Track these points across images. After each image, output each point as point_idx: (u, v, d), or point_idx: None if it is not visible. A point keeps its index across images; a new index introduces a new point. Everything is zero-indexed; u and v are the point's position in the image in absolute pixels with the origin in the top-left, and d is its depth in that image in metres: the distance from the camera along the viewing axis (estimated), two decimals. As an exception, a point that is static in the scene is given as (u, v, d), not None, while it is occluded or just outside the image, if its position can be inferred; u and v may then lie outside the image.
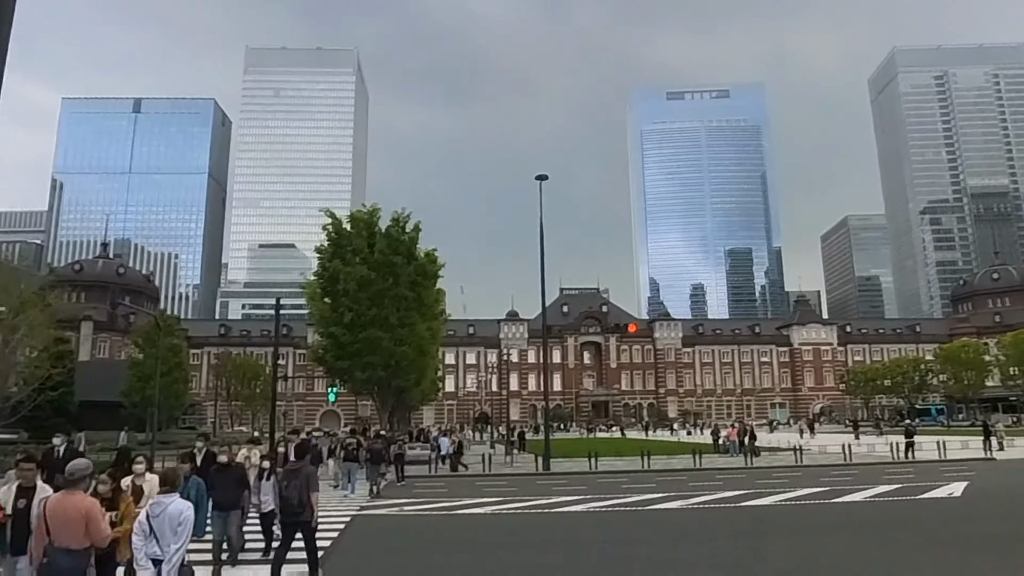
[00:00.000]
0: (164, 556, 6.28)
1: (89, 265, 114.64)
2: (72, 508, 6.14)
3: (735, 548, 12.52)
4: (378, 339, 33.72)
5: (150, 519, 6.42)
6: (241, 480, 11.12)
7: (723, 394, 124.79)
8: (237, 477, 11.09)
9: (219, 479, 10.88)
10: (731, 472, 27.84)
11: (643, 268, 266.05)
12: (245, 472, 11.43)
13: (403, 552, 13.02)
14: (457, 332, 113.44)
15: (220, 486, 10.77)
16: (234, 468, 11.21)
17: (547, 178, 33.53)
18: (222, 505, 10.65)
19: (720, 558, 11.67)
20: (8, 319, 42.36)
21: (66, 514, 6.11)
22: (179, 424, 65.06)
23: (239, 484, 11.03)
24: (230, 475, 11.05)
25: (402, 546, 13.63)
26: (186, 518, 6.50)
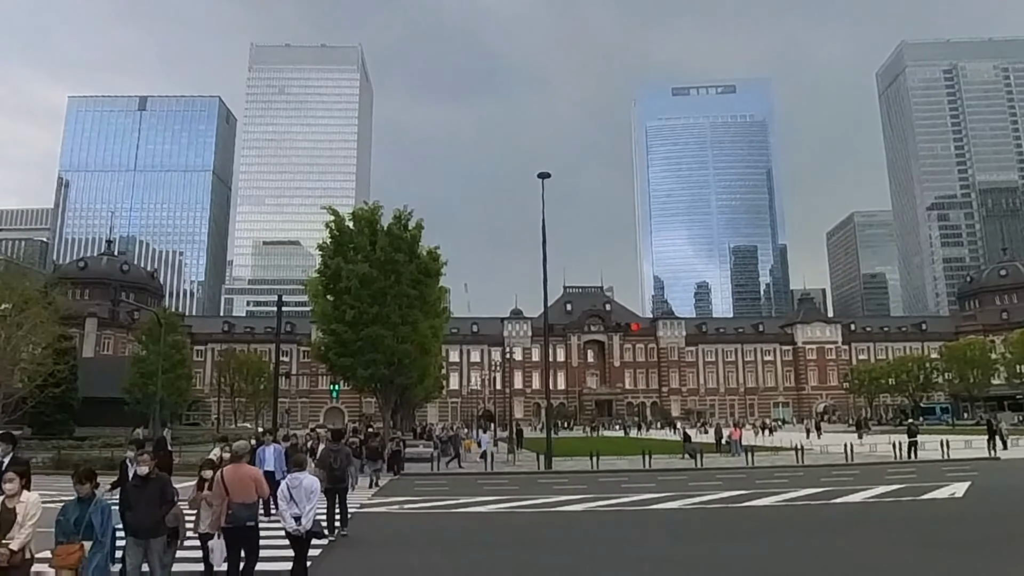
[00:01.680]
0: (302, 513, 9.01)
1: (93, 262, 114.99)
2: (244, 475, 9.05)
3: (732, 548, 12.49)
4: (380, 337, 33.67)
5: (290, 489, 9.15)
6: (163, 495, 8.14)
7: (726, 393, 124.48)
8: (158, 491, 8.13)
9: (135, 496, 8.09)
10: (732, 472, 27.78)
11: (647, 266, 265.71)
12: (170, 485, 8.37)
13: (401, 550, 12.99)
14: (461, 330, 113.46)
15: (136, 504, 8.02)
16: (154, 480, 8.20)
17: (549, 176, 33.49)
18: (137, 530, 7.94)
19: (716, 558, 11.63)
20: (12, 316, 42.54)
21: (241, 479, 8.93)
22: (183, 420, 65.27)
23: (161, 501, 8.11)
24: (148, 491, 8.12)
25: (401, 544, 13.61)
26: (315, 489, 9.32)
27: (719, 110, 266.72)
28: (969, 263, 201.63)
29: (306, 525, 8.94)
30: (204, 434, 54.50)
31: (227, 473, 9.00)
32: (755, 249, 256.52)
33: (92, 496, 7.29)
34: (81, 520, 7.13)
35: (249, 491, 8.93)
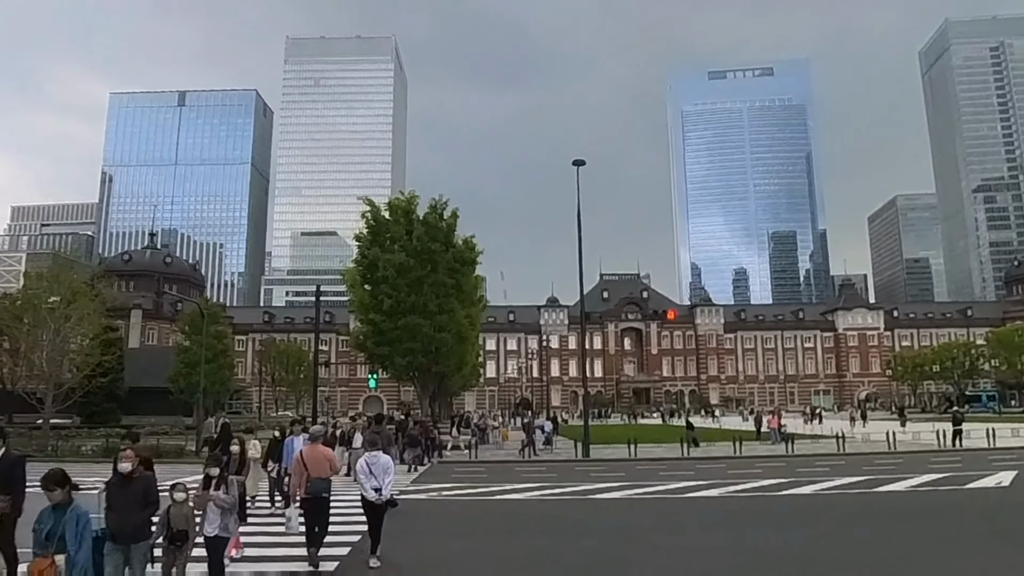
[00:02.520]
0: (381, 486, 10.14)
1: (137, 255, 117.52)
2: (320, 454, 10.66)
3: (769, 537, 12.32)
4: (417, 325, 34.06)
5: (370, 465, 10.31)
6: (147, 496, 7.29)
7: (766, 381, 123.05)
8: (142, 491, 7.28)
9: (115, 496, 7.25)
10: (771, 460, 27.47)
11: (684, 253, 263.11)
12: (154, 484, 7.50)
13: (438, 536, 13.06)
14: (497, 318, 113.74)
15: (116, 505, 7.19)
16: (138, 480, 7.35)
17: (584, 163, 33.18)
18: (117, 534, 7.07)
19: (753, 547, 11.49)
20: (61, 308, 43.68)
21: (317, 458, 10.52)
22: (225, 409, 66.41)
23: (144, 502, 7.25)
24: (130, 491, 7.25)
25: (438, 530, 13.68)
26: (391, 466, 10.58)
27: (756, 93, 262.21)
28: (1017, 247, 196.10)
29: (385, 495, 10.18)
30: (246, 423, 55.39)
31: (306, 452, 10.68)
32: (794, 234, 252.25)
33: (69, 502, 6.67)
34: (55, 531, 6.48)
35: (324, 467, 10.47)
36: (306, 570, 9.94)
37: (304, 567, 10.00)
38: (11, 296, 52.89)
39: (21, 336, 45.39)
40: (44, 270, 52.51)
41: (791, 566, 10.25)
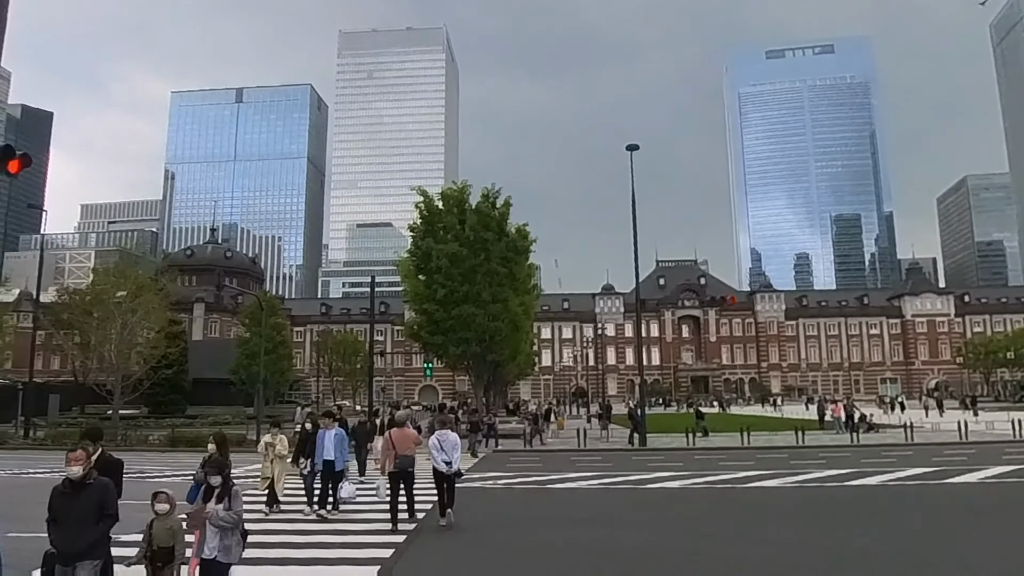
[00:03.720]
0: (451, 459, 12.34)
1: (199, 250, 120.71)
2: (406, 435, 12.67)
3: (833, 530, 11.90)
4: (471, 315, 33.98)
5: (440, 442, 12.44)
6: (102, 506, 6.08)
7: (829, 368, 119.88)
8: (94, 502, 6.07)
9: (61, 507, 6.04)
10: (835, 450, 26.71)
11: (743, 238, 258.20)
12: (111, 493, 6.24)
13: (493, 526, 13.01)
14: (552, 307, 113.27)
15: (63, 518, 5.99)
16: (91, 487, 6.12)
17: (638, 148, 32.69)
18: (63, 552, 5.91)
19: (814, 540, 11.11)
20: (127, 302, 44.95)
21: (404, 438, 12.51)
22: (285, 399, 67.66)
23: (98, 515, 6.06)
24: (82, 500, 6.04)
25: (493, 519, 13.62)
26: (458, 442, 12.83)
27: (817, 72, 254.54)
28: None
29: (454, 467, 12.35)
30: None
31: (394, 434, 12.63)
32: (858, 217, 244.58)
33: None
34: None
35: (409, 446, 12.50)
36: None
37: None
38: (81, 292, 54.72)
39: (91, 330, 46.88)
40: (111, 266, 54.22)
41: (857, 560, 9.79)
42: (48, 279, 73.13)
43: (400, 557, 10.06)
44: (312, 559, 10.02)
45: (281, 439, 14.06)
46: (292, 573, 9.33)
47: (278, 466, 13.79)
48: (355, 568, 9.49)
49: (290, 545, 10.83)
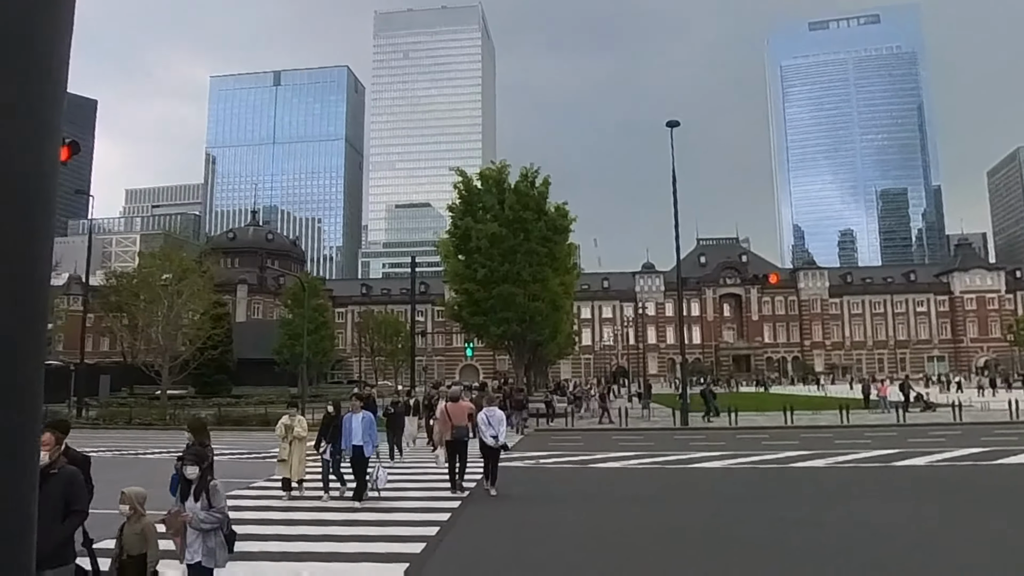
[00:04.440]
0: (497, 433, 13.65)
1: (241, 233, 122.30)
2: (461, 408, 14.38)
3: (877, 511, 11.68)
4: (511, 294, 34.07)
5: (488, 417, 13.83)
6: (69, 499, 5.28)
7: (874, 347, 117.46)
8: (59, 496, 5.23)
9: None
10: (881, 430, 26.33)
11: (786, 214, 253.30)
12: (78, 485, 5.44)
13: (536, 504, 13.02)
14: (591, 286, 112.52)
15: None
16: (56, 477, 5.29)
17: (678, 124, 32.41)
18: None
19: (858, 521, 10.85)
20: (173, 285, 45.79)
21: (458, 411, 14.22)
22: (328, 379, 68.55)
23: (64, 509, 5.26)
24: (46, 491, 4.91)
25: (536, 497, 13.72)
26: (503, 418, 14.45)
27: (862, 43, 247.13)
28: None
29: (500, 441, 13.73)
30: (346, 392, 56.92)
31: (450, 407, 14.29)
32: (905, 192, 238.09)
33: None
34: None
35: (464, 417, 14.14)
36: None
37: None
38: (128, 275, 55.86)
39: (138, 312, 47.91)
40: (157, 250, 55.21)
41: (904, 541, 9.68)
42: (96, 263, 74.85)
43: (445, 535, 10.12)
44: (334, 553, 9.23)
45: (300, 420, 13.59)
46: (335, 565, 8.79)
47: (297, 449, 13.25)
48: (399, 546, 9.32)
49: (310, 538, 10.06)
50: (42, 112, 1.07)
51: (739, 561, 8.72)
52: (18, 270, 1.03)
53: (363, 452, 12.61)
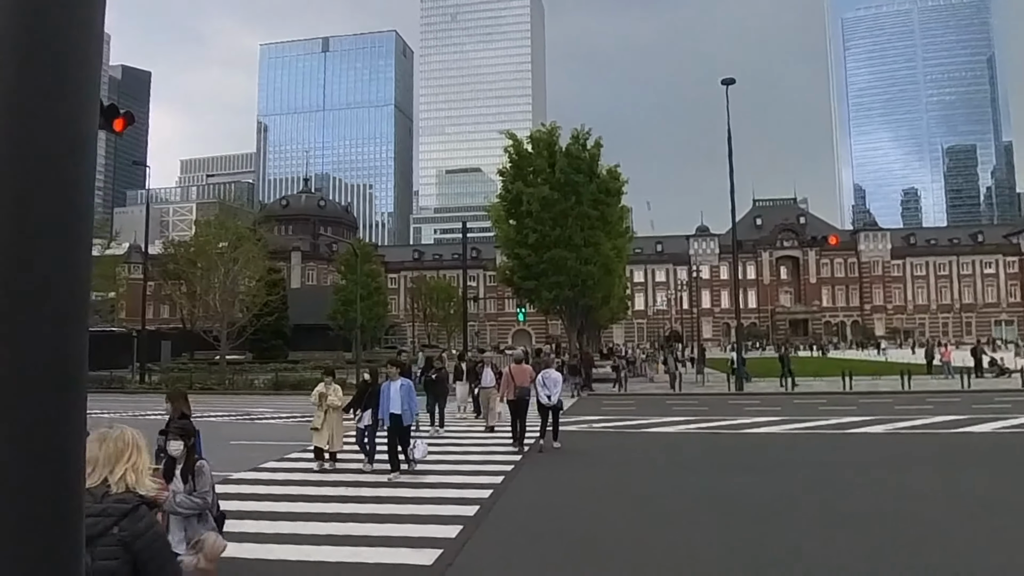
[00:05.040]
0: (552, 393, 14.73)
1: (294, 200, 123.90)
2: (523, 370, 15.43)
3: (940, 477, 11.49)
4: (563, 259, 33.91)
5: (544, 379, 14.91)
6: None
7: (938, 310, 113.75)
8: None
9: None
10: (944, 396, 25.51)
11: (846, 174, 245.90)
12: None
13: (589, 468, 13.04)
14: (645, 249, 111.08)
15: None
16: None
17: (733, 82, 31.36)
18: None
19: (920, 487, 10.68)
20: (228, 253, 46.58)
21: (521, 373, 15.30)
22: (381, 344, 69.28)
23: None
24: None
25: (589, 462, 13.76)
26: (559, 379, 15.55)
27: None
28: None
29: (554, 401, 14.79)
30: (402, 357, 57.41)
31: (513, 369, 15.54)
32: (973, 148, 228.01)
33: None
34: None
35: (526, 379, 15.24)
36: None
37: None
38: (185, 243, 57.03)
39: (196, 280, 48.92)
40: (212, 218, 56.15)
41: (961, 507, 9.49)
42: (154, 232, 76.72)
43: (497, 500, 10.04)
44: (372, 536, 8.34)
45: (335, 389, 12.99)
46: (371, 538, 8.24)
47: (332, 418, 12.68)
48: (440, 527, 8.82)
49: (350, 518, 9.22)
50: (78, 86, 1.06)
51: (786, 528, 8.55)
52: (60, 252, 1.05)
53: (401, 421, 11.95)
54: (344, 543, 7.91)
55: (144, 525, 2.56)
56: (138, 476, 2.67)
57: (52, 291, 1.03)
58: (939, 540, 7.97)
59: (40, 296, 1.02)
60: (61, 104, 1.03)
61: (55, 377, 1.03)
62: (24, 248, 1.00)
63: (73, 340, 1.06)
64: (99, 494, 2.57)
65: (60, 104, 1.03)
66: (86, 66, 1.07)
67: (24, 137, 1.01)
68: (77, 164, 1.06)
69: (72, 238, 1.05)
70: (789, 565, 7.15)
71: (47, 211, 1.02)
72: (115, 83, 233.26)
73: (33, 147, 1.01)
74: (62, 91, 1.04)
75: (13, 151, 1.01)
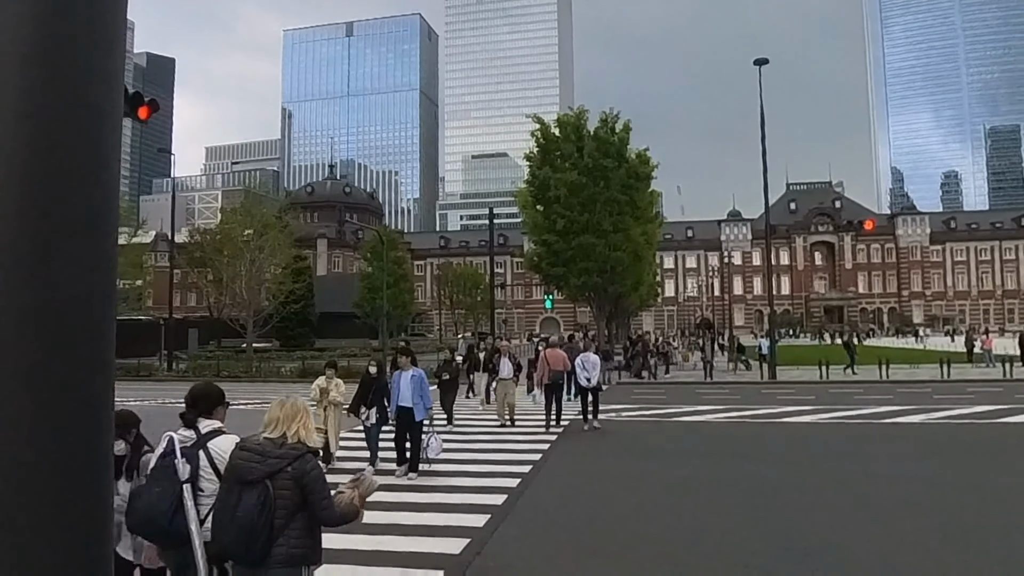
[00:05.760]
0: (590, 376, 15.52)
1: (319, 187, 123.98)
2: (557, 355, 15.94)
3: (973, 469, 11.19)
4: (592, 245, 33.49)
5: (583, 362, 15.64)
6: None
7: (979, 297, 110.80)
8: None
9: None
10: (984, 384, 24.85)
11: (883, 156, 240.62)
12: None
13: (613, 456, 13.06)
14: (675, 235, 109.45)
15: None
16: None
17: (767, 62, 30.53)
18: None
19: (960, 479, 10.42)
20: (254, 240, 46.38)
21: (555, 357, 15.82)
22: (408, 332, 68.94)
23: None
24: None
25: (614, 450, 13.72)
26: (597, 362, 16.14)
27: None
28: None
29: (593, 383, 15.63)
30: (429, 345, 57.00)
31: (548, 354, 15.98)
32: (1017, 129, 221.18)
33: None
34: None
35: (561, 364, 15.79)
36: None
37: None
38: (211, 231, 56.99)
39: (222, 267, 48.93)
40: (238, 206, 56.02)
41: (994, 499, 9.19)
42: (180, 220, 76.69)
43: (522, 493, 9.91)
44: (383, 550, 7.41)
45: (337, 383, 11.84)
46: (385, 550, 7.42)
47: (333, 415, 11.74)
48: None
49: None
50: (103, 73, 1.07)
51: (819, 518, 8.45)
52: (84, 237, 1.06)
53: (413, 416, 10.92)
54: (368, 531, 7.17)
55: (309, 467, 3.66)
56: (307, 432, 3.79)
57: (79, 278, 1.05)
58: (974, 532, 7.76)
59: (68, 284, 1.04)
60: (87, 91, 1.05)
61: (84, 365, 1.06)
62: (50, 236, 1.03)
63: (101, 327, 1.09)
64: (279, 443, 3.70)
65: (86, 91, 1.05)
66: (111, 54, 1.08)
67: (51, 126, 1.03)
68: (103, 153, 1.09)
69: (98, 225, 1.09)
70: (822, 554, 7.05)
71: (73, 199, 1.04)
72: (139, 70, 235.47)
73: (60, 135, 1.04)
74: (87, 79, 1.05)
75: (41, 141, 1.03)
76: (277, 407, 3.82)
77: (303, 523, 3.63)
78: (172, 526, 3.89)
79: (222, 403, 4.39)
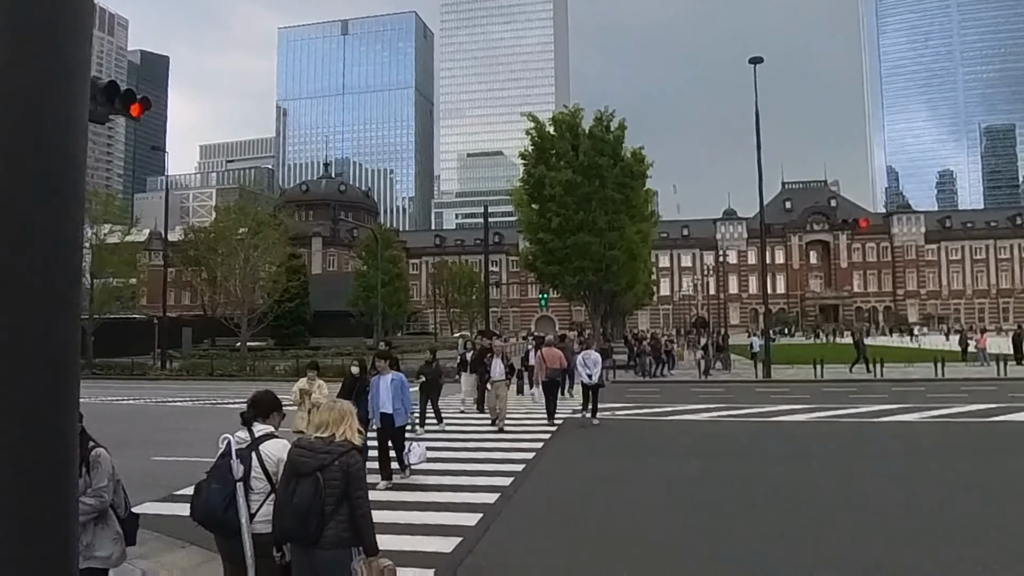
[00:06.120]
0: (592, 373, 15.73)
1: (314, 185, 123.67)
2: (554, 353, 16.55)
3: (974, 467, 11.25)
4: (587, 244, 33.48)
5: (584, 359, 15.93)
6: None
7: (974, 296, 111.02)
8: None
9: None
10: (979, 383, 24.73)
11: (879, 155, 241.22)
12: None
13: (607, 455, 13.02)
14: (670, 234, 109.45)
15: None
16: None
17: (762, 61, 30.29)
18: None
19: (956, 479, 10.44)
20: (248, 239, 46.15)
21: (552, 355, 16.34)
22: (404, 331, 68.85)
23: None
24: None
25: (608, 449, 13.65)
26: (599, 360, 16.42)
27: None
28: None
29: (595, 380, 15.82)
30: (423, 343, 56.89)
31: (544, 352, 16.41)
32: (1013, 128, 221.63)
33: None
34: None
35: (557, 362, 16.26)
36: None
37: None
38: (205, 230, 56.76)
39: (216, 266, 48.68)
40: (232, 204, 55.81)
41: (977, 495, 9.31)
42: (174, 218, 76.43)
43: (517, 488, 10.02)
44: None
45: (320, 385, 11.33)
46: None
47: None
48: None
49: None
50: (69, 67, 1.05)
51: (813, 518, 8.41)
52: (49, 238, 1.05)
53: (393, 421, 10.49)
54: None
55: (353, 461, 4.17)
56: (352, 432, 4.30)
57: (44, 274, 1.03)
58: (970, 531, 7.76)
59: (32, 279, 1.02)
60: (52, 87, 1.03)
61: (47, 361, 1.03)
62: (14, 229, 1.01)
63: (65, 324, 1.06)
64: (328, 441, 4.22)
65: (51, 87, 1.03)
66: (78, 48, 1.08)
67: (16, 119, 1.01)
68: (69, 147, 1.06)
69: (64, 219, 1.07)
70: (816, 552, 7.08)
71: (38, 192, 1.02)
72: (133, 68, 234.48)
73: (24, 130, 1.02)
74: (53, 73, 1.03)
75: (4, 135, 1.01)
76: (327, 411, 4.40)
77: (349, 511, 4.14)
78: (226, 518, 4.44)
79: (277, 410, 4.91)
